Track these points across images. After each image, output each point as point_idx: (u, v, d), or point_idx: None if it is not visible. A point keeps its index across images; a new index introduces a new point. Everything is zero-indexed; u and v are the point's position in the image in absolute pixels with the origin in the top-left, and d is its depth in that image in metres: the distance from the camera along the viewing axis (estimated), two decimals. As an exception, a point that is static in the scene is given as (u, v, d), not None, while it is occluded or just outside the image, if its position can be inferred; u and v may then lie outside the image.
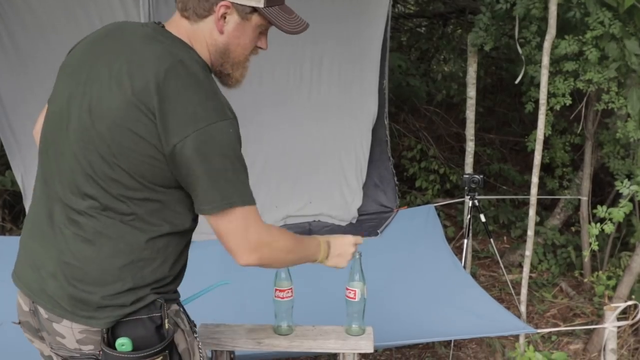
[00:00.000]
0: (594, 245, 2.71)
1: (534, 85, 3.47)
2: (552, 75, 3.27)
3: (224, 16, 1.37)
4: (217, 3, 1.36)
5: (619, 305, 2.71)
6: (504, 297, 4.00)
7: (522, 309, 3.24)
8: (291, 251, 1.53)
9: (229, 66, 1.45)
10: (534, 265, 4.21)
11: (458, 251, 3.66)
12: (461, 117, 5.07)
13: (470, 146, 3.83)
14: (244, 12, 1.38)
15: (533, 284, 4.08)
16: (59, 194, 1.38)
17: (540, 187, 3.34)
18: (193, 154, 1.28)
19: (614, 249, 3.99)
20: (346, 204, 3.86)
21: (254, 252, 1.38)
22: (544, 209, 4.70)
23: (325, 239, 1.68)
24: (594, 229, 2.67)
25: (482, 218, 3.51)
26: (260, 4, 1.38)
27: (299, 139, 3.85)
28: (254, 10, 1.39)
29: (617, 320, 2.70)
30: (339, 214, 3.84)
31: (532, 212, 3.19)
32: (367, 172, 3.93)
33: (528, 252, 3.24)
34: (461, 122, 5.06)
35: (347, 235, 1.76)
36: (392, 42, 4.07)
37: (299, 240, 1.59)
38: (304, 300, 1.94)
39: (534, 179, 3.13)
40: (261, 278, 1.87)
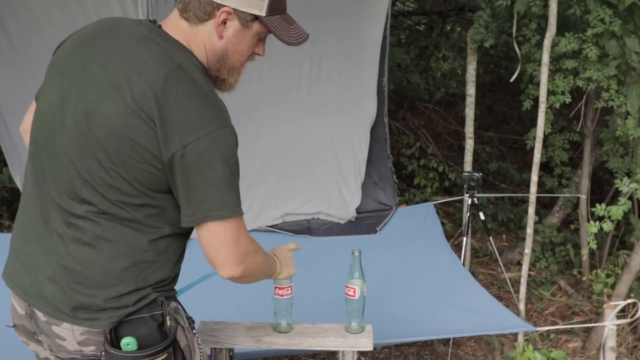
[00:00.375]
0: (592, 244, 2.71)
1: (532, 83, 3.47)
2: (552, 73, 3.27)
3: (224, 22, 1.36)
4: (219, 8, 1.33)
5: (619, 304, 2.71)
6: (502, 295, 4.00)
7: (521, 307, 3.25)
8: (265, 263, 1.56)
9: (225, 71, 1.43)
10: (533, 263, 4.22)
11: (457, 249, 3.66)
12: (460, 115, 5.07)
13: (469, 144, 3.83)
14: (245, 19, 1.36)
15: (532, 282, 4.09)
16: (54, 197, 1.35)
17: (539, 185, 3.34)
18: (192, 162, 1.26)
19: (612, 247, 3.99)
20: (345, 203, 3.86)
21: (241, 263, 1.36)
22: (543, 207, 4.70)
23: (272, 252, 1.70)
24: (593, 227, 2.67)
25: (481, 216, 3.51)
26: (262, 12, 1.36)
27: (297, 137, 3.84)
28: (255, 18, 1.37)
29: (616, 318, 2.70)
30: (337, 213, 3.84)
31: (531, 210, 3.19)
32: (366, 170, 3.93)
33: (527, 250, 3.24)
34: (460, 120, 5.06)
35: (281, 245, 1.77)
36: (391, 40, 4.06)
37: (266, 254, 1.60)
38: (303, 298, 1.94)
39: (534, 177, 3.13)
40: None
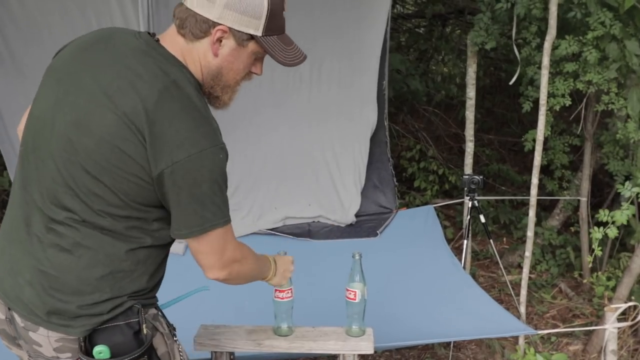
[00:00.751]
0: (598, 252, 2.72)
1: (532, 85, 3.47)
2: (552, 76, 3.27)
3: (220, 40, 1.35)
4: (215, 26, 1.33)
5: (620, 306, 2.71)
6: (503, 298, 4.00)
7: (522, 309, 3.24)
8: (254, 268, 1.60)
9: (219, 89, 1.43)
10: (533, 266, 4.21)
11: (457, 252, 3.66)
12: (460, 118, 5.07)
13: (469, 147, 3.82)
14: (240, 38, 1.36)
15: (532, 285, 4.08)
16: (37, 202, 1.35)
17: (540, 188, 3.33)
18: (181, 180, 1.28)
19: (612, 250, 3.99)
20: (344, 209, 3.86)
21: (225, 269, 1.42)
22: (543, 209, 4.70)
23: (272, 257, 1.73)
24: (598, 233, 2.67)
25: (482, 219, 3.51)
26: (258, 32, 1.35)
27: (297, 141, 3.84)
28: (251, 37, 1.36)
29: (617, 321, 2.70)
30: (336, 217, 3.85)
31: (531, 213, 3.19)
32: (366, 173, 3.93)
33: (528, 253, 3.23)
34: (460, 123, 5.06)
35: (286, 257, 1.81)
36: (391, 43, 4.06)
37: (259, 258, 1.63)
38: (304, 301, 1.94)
39: (534, 179, 3.13)
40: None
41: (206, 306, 2.28)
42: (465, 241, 3.51)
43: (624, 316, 2.99)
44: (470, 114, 3.80)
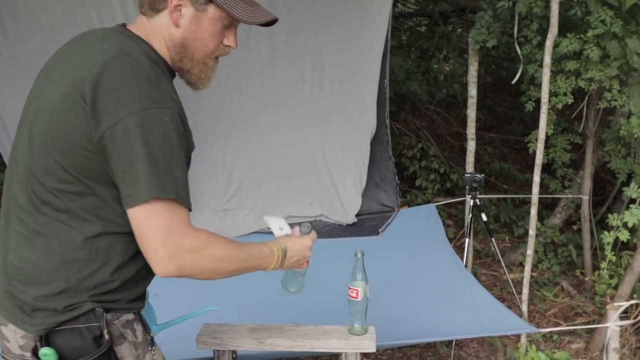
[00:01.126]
0: (611, 257, 2.79)
1: (533, 84, 3.47)
2: (554, 74, 3.26)
3: (178, 8, 1.34)
4: None
5: (622, 304, 2.70)
6: (505, 296, 4.00)
7: (524, 308, 3.24)
8: (225, 259, 1.37)
9: (187, 61, 1.40)
10: (535, 264, 4.21)
11: (459, 250, 3.66)
12: (461, 116, 5.07)
13: (471, 145, 3.82)
14: (197, 3, 1.34)
15: (534, 283, 4.08)
16: (15, 194, 1.36)
17: (542, 186, 3.33)
18: (122, 139, 1.21)
19: (614, 248, 3.98)
20: (344, 209, 3.86)
21: (171, 261, 1.24)
22: (545, 207, 4.70)
23: (281, 244, 1.57)
24: (609, 237, 2.70)
25: (484, 217, 3.51)
26: None
27: (299, 141, 3.85)
28: (208, 0, 1.34)
29: (619, 319, 2.70)
30: (337, 218, 3.85)
31: (533, 212, 3.19)
32: (368, 172, 3.93)
33: (529, 251, 3.23)
34: (461, 121, 5.05)
35: (304, 237, 1.68)
36: (392, 41, 4.06)
37: (239, 248, 1.42)
38: (306, 300, 1.94)
39: (536, 178, 3.13)
40: (263, 278, 1.86)
41: (207, 305, 2.28)
42: (467, 240, 3.51)
43: (626, 314, 2.99)
44: (471, 112, 3.80)
